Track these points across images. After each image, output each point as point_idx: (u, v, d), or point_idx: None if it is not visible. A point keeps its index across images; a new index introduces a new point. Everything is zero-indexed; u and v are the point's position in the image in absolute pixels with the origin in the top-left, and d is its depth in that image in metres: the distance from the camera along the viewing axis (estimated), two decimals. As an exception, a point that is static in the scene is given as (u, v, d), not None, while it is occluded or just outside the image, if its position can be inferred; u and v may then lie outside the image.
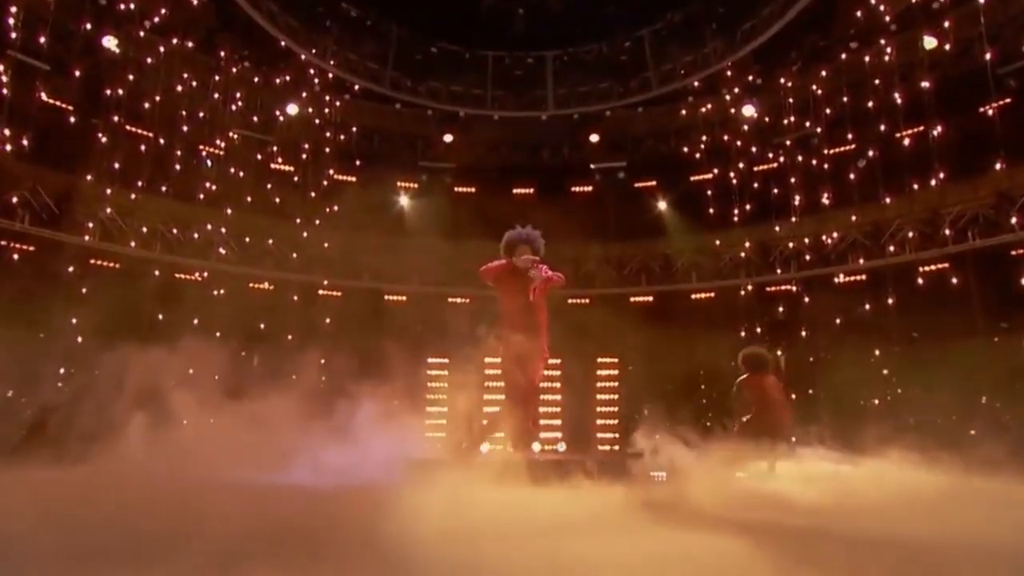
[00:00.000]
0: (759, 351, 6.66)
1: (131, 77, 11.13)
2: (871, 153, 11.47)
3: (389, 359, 10.71)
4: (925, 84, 10.80)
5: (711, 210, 12.84)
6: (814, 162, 12.15)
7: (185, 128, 11.77)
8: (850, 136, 11.76)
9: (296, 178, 12.82)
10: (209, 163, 12.14)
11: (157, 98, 11.40)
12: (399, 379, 7.53)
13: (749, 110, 12.55)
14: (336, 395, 6.42)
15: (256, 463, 4.68)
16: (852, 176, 11.54)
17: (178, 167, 11.59)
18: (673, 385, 11.90)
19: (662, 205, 13.46)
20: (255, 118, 12.63)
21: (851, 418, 8.74)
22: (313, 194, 12.72)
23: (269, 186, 12.58)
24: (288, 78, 12.74)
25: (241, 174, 12.23)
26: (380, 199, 13.24)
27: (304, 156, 12.89)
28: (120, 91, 10.96)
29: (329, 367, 8.45)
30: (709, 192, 12.96)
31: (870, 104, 11.48)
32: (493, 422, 4.69)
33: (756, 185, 12.67)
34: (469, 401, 5.08)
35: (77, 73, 10.66)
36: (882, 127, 11.31)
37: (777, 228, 12.38)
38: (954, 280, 10.68)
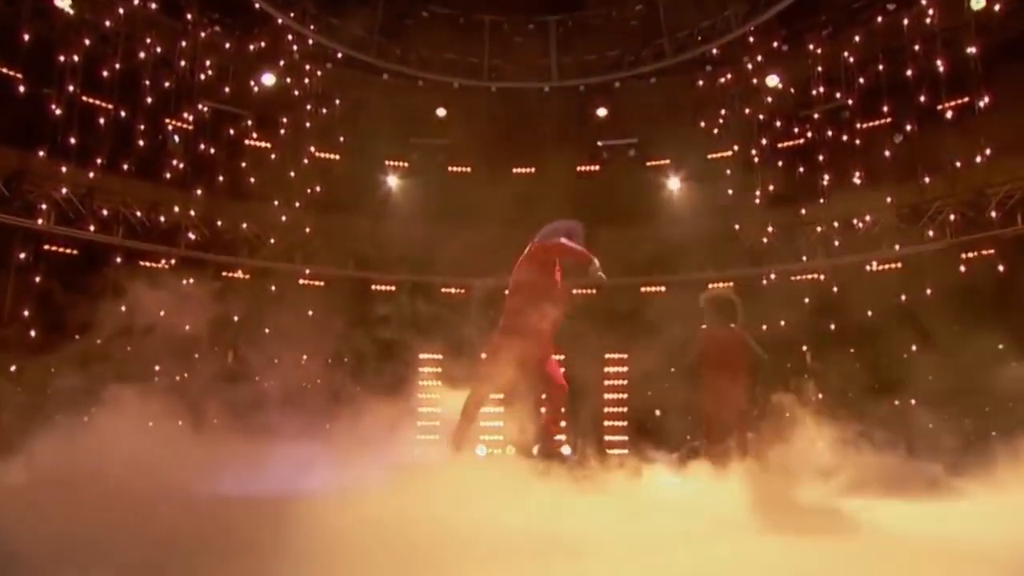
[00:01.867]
0: (728, 294, 5.86)
1: (87, 42, 10.83)
2: (909, 127, 11.28)
3: (376, 353, 11.32)
4: (971, 50, 10.50)
5: (730, 191, 12.66)
6: (845, 138, 11.95)
7: (149, 100, 11.54)
8: (886, 108, 11.57)
9: (273, 156, 12.67)
10: (176, 139, 11.95)
11: (117, 66, 11.10)
12: (386, 375, 7.63)
13: (773, 80, 12.37)
14: (317, 393, 6.56)
15: (210, 468, 4.68)
16: (887, 153, 11.35)
17: (142, 143, 11.40)
18: (687, 384, 11.77)
19: (676, 186, 13.29)
20: (227, 89, 12.47)
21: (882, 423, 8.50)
22: (292, 174, 12.57)
23: (243, 164, 12.46)
24: (263, 45, 12.54)
25: (212, 151, 12.09)
26: (366, 179, 13.21)
27: (282, 132, 12.74)
28: (75, 57, 10.68)
29: (310, 363, 8.50)
30: (728, 172, 12.78)
31: (908, 73, 11.25)
32: (469, 419, 4.61)
33: (780, 163, 12.48)
34: (464, 400, 4.92)
35: (26, 36, 10.32)
36: (922, 98, 11.10)
37: (803, 211, 12.18)
38: (1000, 267, 10.47)
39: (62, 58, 10.66)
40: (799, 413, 6.21)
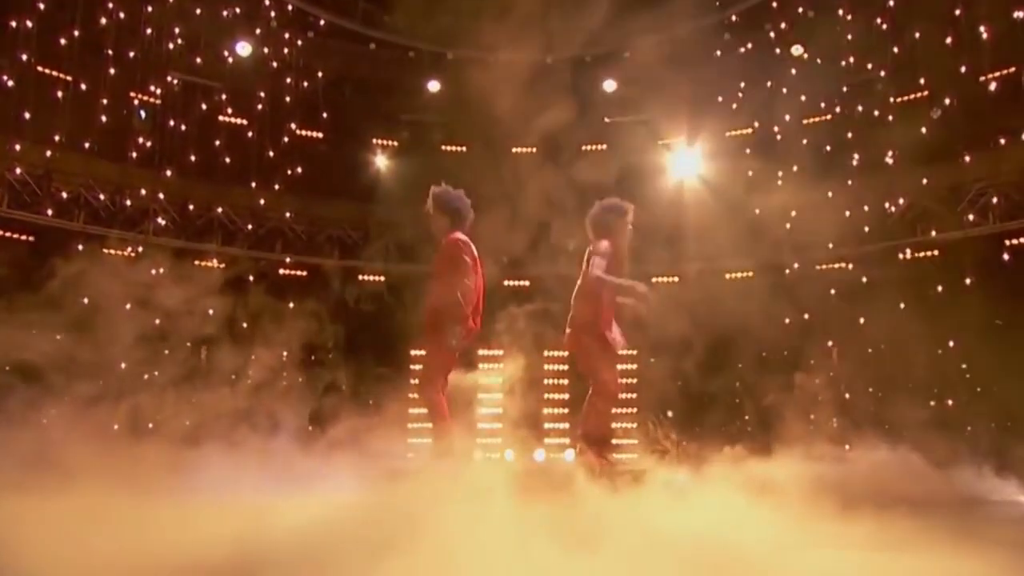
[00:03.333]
0: (617, 201, 5.09)
1: (42, 6, 10.50)
2: (948, 101, 10.90)
3: (363, 350, 11.41)
4: (1018, 14, 10.13)
5: (750, 172, 12.25)
6: (877, 112, 11.66)
7: (112, 71, 11.32)
8: (922, 80, 11.26)
9: (250, 133, 12.46)
10: (143, 114, 11.82)
11: (76, 33, 10.83)
12: (376, 374, 7.81)
13: (798, 50, 12.04)
14: (297, 394, 6.91)
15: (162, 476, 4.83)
16: (924, 129, 10.87)
17: (104, 119, 11.22)
18: (702, 384, 11.56)
19: (693, 166, 12.86)
20: (198, 60, 12.26)
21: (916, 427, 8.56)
22: (271, 153, 12.43)
23: (217, 143, 12.27)
24: (238, 11, 12.33)
25: (183, 128, 11.93)
26: (352, 159, 13.01)
27: (259, 107, 12.51)
28: (28, 23, 10.37)
29: (291, 360, 8.71)
30: (748, 150, 12.49)
31: (948, 40, 10.84)
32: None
33: (805, 141, 12.06)
34: (464, 401, 5.16)
35: (-28, -1, 10.02)
36: (962, 68, 10.70)
37: (830, 193, 11.70)
38: (1049, 256, 10.18)
39: (13, 23, 10.23)
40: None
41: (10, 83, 10.28)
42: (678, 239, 12.86)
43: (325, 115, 12.89)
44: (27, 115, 10.29)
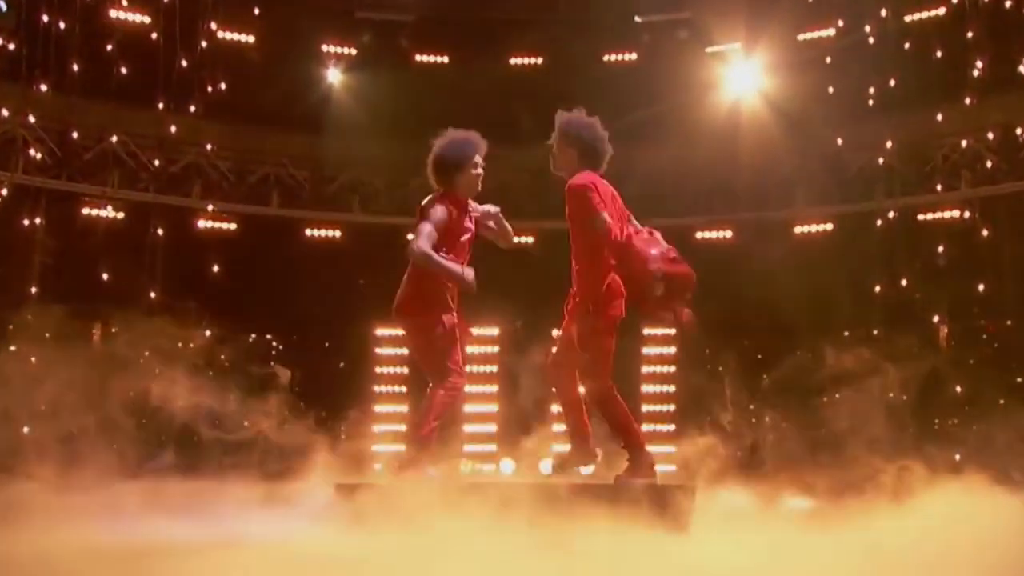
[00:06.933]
0: (462, 136, 4.94)
1: None
2: None
3: (312, 326, 11.63)
4: None
5: (830, 88, 11.37)
6: (1009, 3, 10.50)
7: None
8: None
9: (154, 35, 11.25)
10: (3, 6, 10.68)
11: None
12: (327, 358, 8.46)
13: None
14: (220, 389, 6.59)
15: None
16: None
17: None
18: (759, 363, 11.48)
19: (752, 82, 11.94)
20: None
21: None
22: (184, 62, 11.22)
23: (109, 48, 11.04)
24: None
25: (61, 27, 10.59)
26: (295, 73, 12.03)
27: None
28: None
29: (216, 341, 8.64)
30: (828, 59, 11.48)
31: None
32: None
33: (908, 46, 11.05)
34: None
35: None
36: None
37: (940, 116, 10.96)
38: None
39: None
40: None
41: None
42: (731, 181, 12.55)
43: (257, 11, 11.85)
44: None
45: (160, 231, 11.28)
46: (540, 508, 4.04)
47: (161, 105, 11.15)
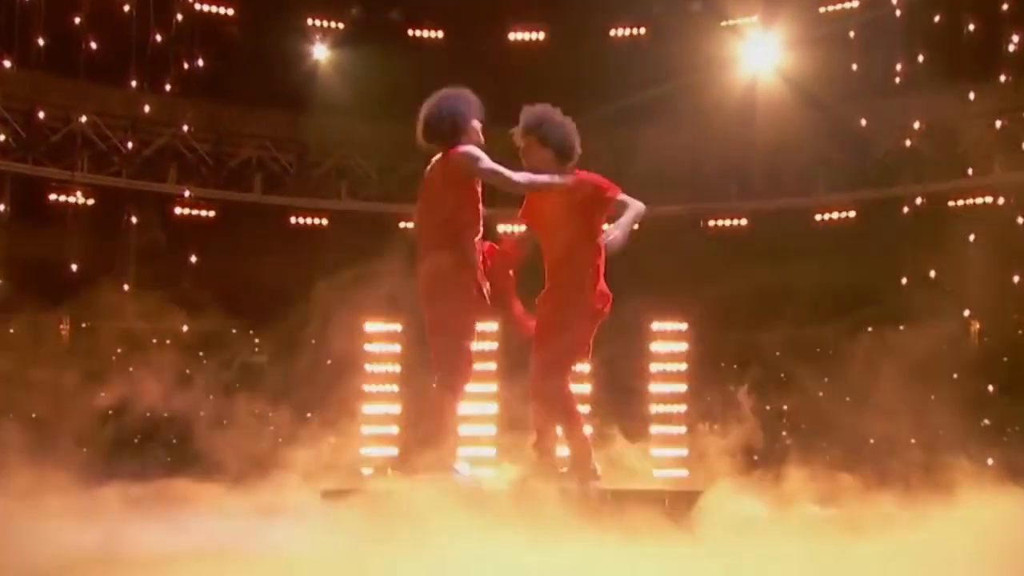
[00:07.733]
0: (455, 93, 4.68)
1: None
2: None
3: (297, 320, 11.20)
4: None
5: (853, 66, 11.42)
6: None
7: None
8: None
9: (126, 7, 11.24)
10: None
11: None
12: (313, 355, 8.25)
13: None
14: (203, 384, 6.76)
15: None
16: None
17: None
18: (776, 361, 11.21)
19: (771, 58, 11.82)
20: None
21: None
22: (159, 37, 11.30)
23: (78, 21, 11.08)
24: None
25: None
26: (279, 49, 12.06)
27: None
28: None
29: (197, 334, 8.85)
30: (851, 34, 11.45)
31: None
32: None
33: (938, 19, 10.91)
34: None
35: None
36: None
37: (973, 95, 10.76)
38: None
39: None
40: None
41: None
42: (746, 165, 12.52)
43: (238, -18, 12.17)
44: None
45: (133, 219, 11.33)
46: (540, 513, 3.93)
47: (134, 83, 11.21)
